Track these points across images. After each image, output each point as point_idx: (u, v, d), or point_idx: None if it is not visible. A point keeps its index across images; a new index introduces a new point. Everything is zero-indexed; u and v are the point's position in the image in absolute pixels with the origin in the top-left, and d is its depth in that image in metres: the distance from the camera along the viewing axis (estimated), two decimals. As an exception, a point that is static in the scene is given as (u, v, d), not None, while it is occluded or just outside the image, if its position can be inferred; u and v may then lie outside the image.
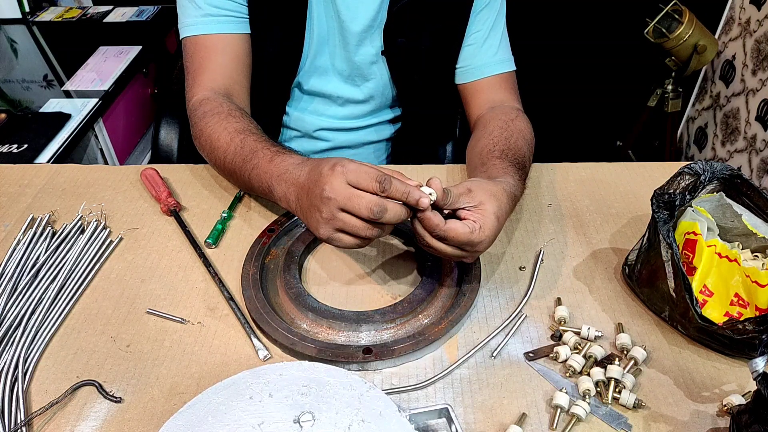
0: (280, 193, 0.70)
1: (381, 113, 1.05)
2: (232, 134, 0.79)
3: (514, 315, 0.70)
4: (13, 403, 0.60)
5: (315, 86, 0.98)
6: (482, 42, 0.95)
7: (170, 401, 0.61)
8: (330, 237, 0.62)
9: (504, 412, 0.60)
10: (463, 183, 0.66)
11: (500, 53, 0.97)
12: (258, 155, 0.74)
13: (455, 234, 0.62)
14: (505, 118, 0.89)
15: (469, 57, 0.96)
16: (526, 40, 1.06)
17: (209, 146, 0.81)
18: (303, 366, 0.57)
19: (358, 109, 1.02)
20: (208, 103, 0.84)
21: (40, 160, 1.13)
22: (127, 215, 0.85)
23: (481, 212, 0.64)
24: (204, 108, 0.84)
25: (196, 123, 0.84)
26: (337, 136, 1.04)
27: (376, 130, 1.06)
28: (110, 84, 1.39)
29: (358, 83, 0.99)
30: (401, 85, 0.99)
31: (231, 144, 0.78)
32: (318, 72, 0.97)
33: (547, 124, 1.74)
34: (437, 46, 0.96)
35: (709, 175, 0.72)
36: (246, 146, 0.76)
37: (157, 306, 0.71)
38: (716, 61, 1.94)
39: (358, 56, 0.95)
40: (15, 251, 0.76)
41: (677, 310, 0.65)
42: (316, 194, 0.61)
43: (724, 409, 0.60)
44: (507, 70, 0.97)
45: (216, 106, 0.83)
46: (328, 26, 0.93)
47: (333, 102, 1.01)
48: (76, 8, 1.76)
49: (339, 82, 0.98)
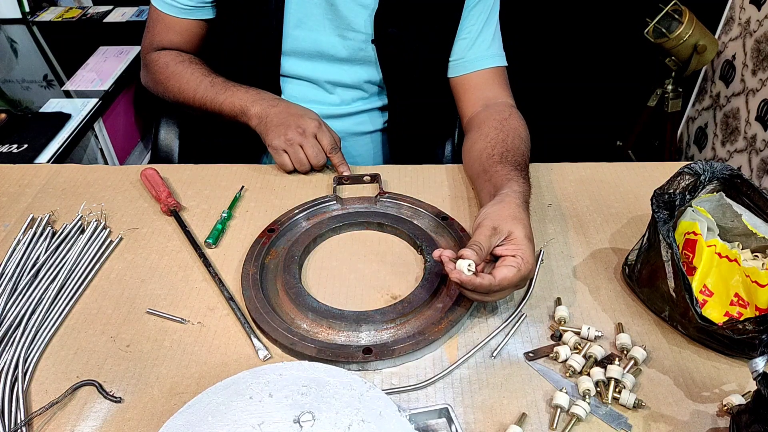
0: (257, 109, 0.90)
1: (371, 99, 1.05)
2: (200, 75, 0.95)
3: (514, 315, 0.70)
4: (13, 403, 0.60)
5: (302, 72, 0.99)
6: (475, 36, 0.97)
7: (170, 401, 0.61)
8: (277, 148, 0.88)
9: (504, 412, 0.60)
10: (483, 223, 0.69)
11: (493, 47, 0.98)
12: (231, 87, 0.93)
13: (509, 281, 0.64)
14: (499, 118, 0.90)
15: (462, 50, 0.98)
16: (526, 41, 1.06)
17: (178, 88, 0.97)
18: (303, 366, 0.57)
19: (347, 94, 1.02)
20: (167, 54, 1.00)
21: (40, 160, 1.13)
22: (127, 215, 0.85)
23: (515, 244, 0.67)
24: (165, 58, 0.99)
25: (160, 70, 0.99)
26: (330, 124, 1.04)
27: (368, 117, 1.06)
28: (110, 84, 1.39)
29: (346, 68, 0.99)
30: (390, 74, 1.00)
31: (202, 82, 0.94)
32: (305, 56, 0.98)
33: (547, 124, 1.74)
34: (429, 38, 0.96)
35: (709, 175, 0.72)
36: (217, 82, 0.94)
37: (157, 306, 0.71)
38: (716, 61, 1.94)
39: (348, 43, 0.96)
40: (15, 251, 0.76)
41: (677, 310, 0.65)
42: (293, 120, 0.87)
43: (724, 409, 0.60)
44: (499, 65, 0.99)
45: (176, 56, 0.99)
46: (315, 10, 0.93)
47: (321, 88, 1.01)
48: (76, 8, 1.76)
49: (327, 67, 0.99)
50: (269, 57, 0.97)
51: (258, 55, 0.97)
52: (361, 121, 1.06)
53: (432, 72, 1.00)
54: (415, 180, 0.91)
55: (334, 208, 0.86)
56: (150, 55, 1.02)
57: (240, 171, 0.93)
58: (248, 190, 0.89)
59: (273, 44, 0.95)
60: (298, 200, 0.86)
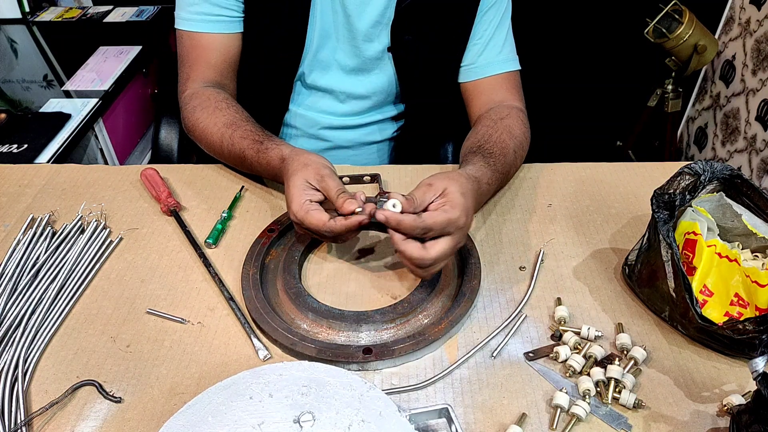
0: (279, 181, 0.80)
1: (382, 110, 1.05)
2: (221, 129, 0.87)
3: (514, 315, 0.70)
4: (13, 403, 0.60)
5: (317, 81, 0.98)
6: (487, 41, 0.96)
7: (170, 401, 0.61)
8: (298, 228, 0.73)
9: (504, 412, 0.60)
10: (421, 182, 0.69)
11: (504, 52, 0.97)
12: (246, 154, 0.84)
13: (434, 220, 0.64)
14: (495, 117, 0.90)
15: (474, 56, 0.97)
16: (526, 41, 1.06)
17: (204, 140, 0.90)
18: (303, 366, 0.57)
19: (359, 104, 1.02)
20: (197, 97, 0.91)
21: (40, 160, 1.13)
22: (127, 215, 0.85)
23: (446, 195, 0.67)
24: (194, 102, 0.91)
25: (188, 116, 0.92)
26: (338, 134, 1.04)
27: (378, 128, 1.06)
28: (110, 84, 1.39)
29: (361, 78, 0.99)
30: (405, 81, 1.00)
31: (222, 139, 0.87)
32: (321, 66, 0.97)
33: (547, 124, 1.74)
34: (443, 44, 0.96)
35: (709, 175, 0.72)
36: (235, 144, 0.85)
37: (157, 306, 0.71)
38: (716, 61, 1.94)
39: (364, 52, 0.95)
40: (15, 251, 0.76)
41: (677, 310, 0.65)
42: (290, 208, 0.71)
43: (724, 409, 0.60)
44: (510, 69, 0.98)
45: (204, 100, 0.90)
46: (334, 21, 0.93)
47: (334, 98, 1.01)
48: (76, 8, 1.76)
49: (342, 77, 0.98)
50: (289, 66, 0.96)
51: (278, 63, 0.96)
52: (371, 132, 1.06)
53: (445, 77, 1.00)
54: (415, 180, 0.91)
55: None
56: (186, 94, 0.94)
57: (240, 171, 0.93)
58: (248, 190, 0.89)
59: (295, 54, 0.95)
60: (298, 200, 0.86)
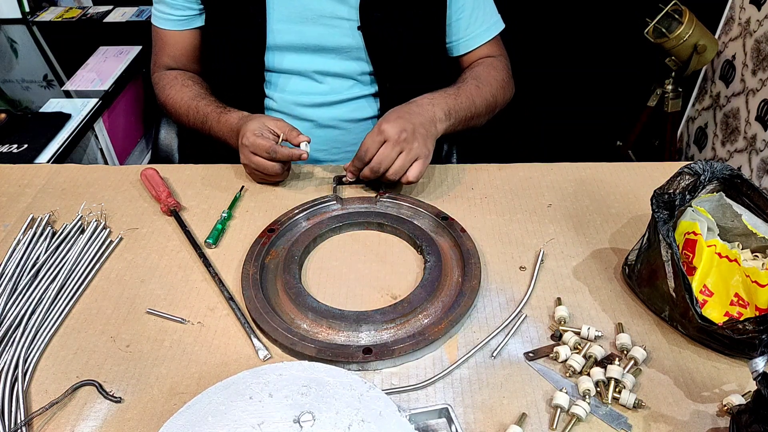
0: (232, 142, 0.92)
1: (363, 86, 1.04)
2: (188, 102, 1.00)
3: (514, 315, 0.70)
4: (13, 403, 0.60)
5: (289, 65, 1.00)
6: (470, 14, 1.01)
7: (170, 401, 0.61)
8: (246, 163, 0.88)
9: (504, 412, 0.60)
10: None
11: (488, 17, 1.04)
12: (210, 118, 0.96)
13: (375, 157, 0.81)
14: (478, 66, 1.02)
15: (462, 30, 1.02)
16: (526, 41, 1.06)
17: (175, 113, 1.03)
18: (303, 366, 0.57)
19: (338, 82, 1.02)
20: (165, 77, 1.05)
21: (40, 160, 1.13)
22: (127, 215, 0.85)
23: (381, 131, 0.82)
24: (162, 82, 1.05)
25: (159, 94, 1.06)
26: (321, 113, 1.04)
27: (364, 102, 1.05)
28: (110, 84, 1.39)
29: (334, 57, 0.99)
30: (379, 59, 1.00)
31: (189, 110, 0.99)
32: (289, 50, 0.98)
33: (548, 124, 1.75)
34: (414, 23, 0.98)
35: (709, 175, 0.71)
36: (200, 111, 0.98)
37: (157, 306, 0.71)
38: (716, 61, 1.94)
39: (334, 32, 0.96)
40: (15, 251, 0.76)
41: (677, 310, 0.65)
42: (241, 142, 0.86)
43: (724, 409, 0.60)
44: (496, 32, 1.05)
45: (171, 80, 1.04)
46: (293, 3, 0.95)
47: (311, 79, 1.01)
48: (76, 8, 1.76)
49: (314, 59, 0.99)
50: (254, 53, 0.98)
51: (244, 52, 0.99)
52: (356, 108, 1.05)
53: (421, 57, 1.02)
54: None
55: (334, 208, 0.86)
56: (154, 77, 1.08)
57: (240, 171, 0.93)
58: (248, 190, 0.89)
59: (257, 40, 0.96)
60: (298, 200, 0.86)
